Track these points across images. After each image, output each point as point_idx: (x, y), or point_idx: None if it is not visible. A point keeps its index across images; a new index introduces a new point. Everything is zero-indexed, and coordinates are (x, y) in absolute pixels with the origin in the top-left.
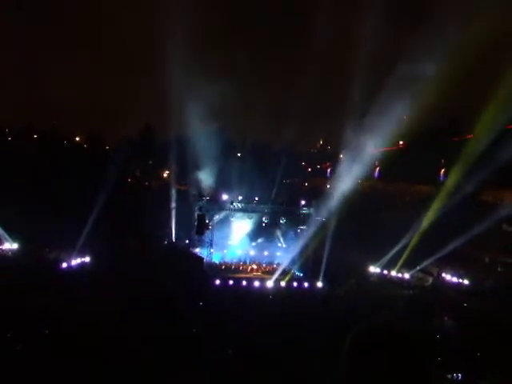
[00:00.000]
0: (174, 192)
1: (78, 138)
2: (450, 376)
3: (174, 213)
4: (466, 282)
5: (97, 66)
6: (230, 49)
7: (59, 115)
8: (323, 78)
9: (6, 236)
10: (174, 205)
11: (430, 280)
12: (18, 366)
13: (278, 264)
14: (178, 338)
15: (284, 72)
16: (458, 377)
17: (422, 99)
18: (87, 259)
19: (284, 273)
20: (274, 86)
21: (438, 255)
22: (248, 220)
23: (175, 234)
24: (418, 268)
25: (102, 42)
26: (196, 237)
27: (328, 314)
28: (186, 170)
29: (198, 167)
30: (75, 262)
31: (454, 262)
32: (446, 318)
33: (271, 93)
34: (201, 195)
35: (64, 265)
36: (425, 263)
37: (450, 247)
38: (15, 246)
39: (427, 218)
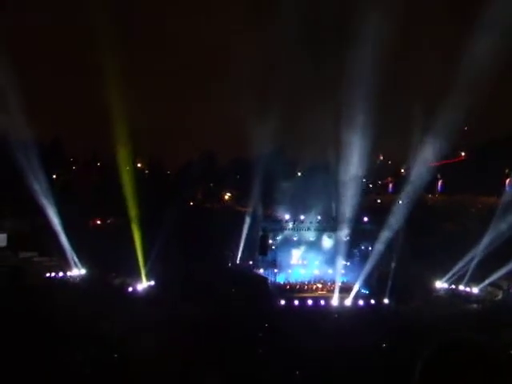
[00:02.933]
0: (236, 214)
1: (139, 164)
2: None
3: (236, 235)
4: None
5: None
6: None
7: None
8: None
9: (76, 261)
10: (236, 227)
11: (500, 294)
12: None
13: (343, 282)
14: (244, 360)
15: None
16: None
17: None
18: (152, 283)
19: (349, 291)
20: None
21: (507, 268)
22: (310, 239)
23: (239, 255)
24: (487, 282)
25: (164, 67)
26: (260, 258)
27: (394, 333)
28: (247, 192)
29: (259, 188)
30: (141, 286)
31: None
32: None
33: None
34: (263, 216)
35: (130, 289)
36: (494, 277)
37: None
38: (83, 271)
39: (494, 230)
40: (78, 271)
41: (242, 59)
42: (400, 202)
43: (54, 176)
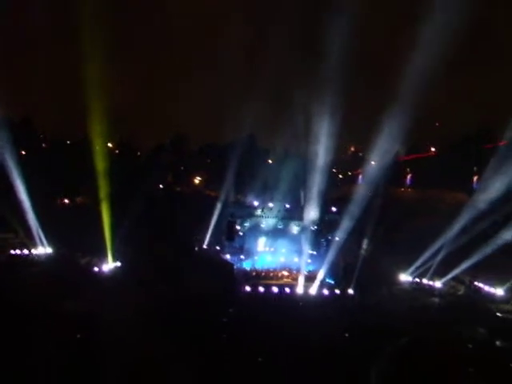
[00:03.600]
0: (205, 198)
1: (110, 144)
2: None
3: (205, 219)
4: (498, 290)
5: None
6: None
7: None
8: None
9: (43, 239)
10: (205, 211)
11: (463, 289)
12: (49, 369)
13: (309, 271)
14: (207, 344)
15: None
16: None
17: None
18: (118, 264)
19: (315, 279)
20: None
21: (470, 264)
22: (278, 227)
23: (206, 240)
24: (450, 276)
25: (139, 49)
26: (227, 243)
27: (359, 324)
28: (217, 177)
29: (228, 173)
30: (107, 266)
31: (486, 271)
32: (478, 328)
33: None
34: (231, 202)
35: (96, 269)
36: (457, 272)
37: (483, 255)
38: (49, 250)
39: (460, 226)
40: (43, 249)
41: (218, 46)
42: (368, 193)
43: (23, 153)
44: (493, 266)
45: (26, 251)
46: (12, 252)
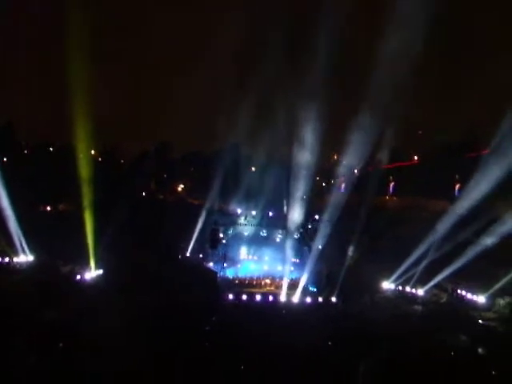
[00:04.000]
0: (188, 206)
1: (92, 152)
2: None
3: (188, 227)
4: (480, 298)
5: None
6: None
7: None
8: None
9: (24, 247)
10: (188, 219)
11: (445, 296)
12: (31, 379)
13: (292, 279)
14: (190, 352)
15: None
16: None
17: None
18: (100, 272)
19: (297, 288)
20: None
21: (452, 271)
22: (261, 234)
23: (189, 248)
24: (432, 284)
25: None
26: (210, 251)
27: (342, 332)
28: (200, 185)
29: (212, 182)
30: (89, 274)
31: (468, 278)
32: (461, 336)
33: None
34: (215, 210)
35: (78, 277)
36: (439, 279)
37: (465, 263)
38: (31, 258)
39: (442, 234)
40: (25, 257)
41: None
42: (351, 202)
43: (5, 159)
44: (475, 273)
45: (6, 259)
46: None
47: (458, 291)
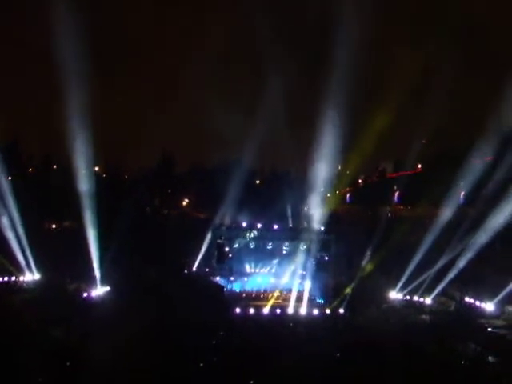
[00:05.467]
0: (193, 221)
1: (96, 168)
2: None
3: (193, 241)
4: (488, 305)
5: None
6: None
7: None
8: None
9: (31, 265)
10: (193, 234)
11: (453, 304)
12: None
13: (299, 291)
14: (198, 368)
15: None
16: None
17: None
18: (107, 289)
19: (305, 300)
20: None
21: (460, 279)
22: (268, 247)
23: (195, 262)
24: (440, 293)
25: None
26: (216, 265)
27: (350, 343)
28: (204, 199)
29: (216, 195)
30: (96, 292)
31: (476, 286)
32: (470, 344)
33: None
34: (220, 224)
35: (85, 294)
36: (446, 288)
37: (473, 271)
38: (37, 276)
39: (449, 241)
40: (31, 276)
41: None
42: (356, 212)
43: (9, 178)
44: (482, 281)
45: (13, 278)
46: None
47: (466, 299)
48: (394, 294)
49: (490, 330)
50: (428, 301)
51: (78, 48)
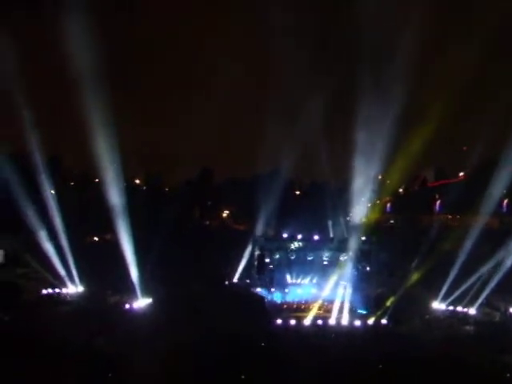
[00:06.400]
0: (233, 232)
1: (137, 181)
2: None
3: (234, 253)
4: None
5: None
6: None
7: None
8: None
9: (74, 278)
10: (234, 245)
11: (498, 315)
12: None
13: (341, 302)
14: (240, 380)
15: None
16: None
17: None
18: (149, 301)
19: (346, 311)
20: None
21: (504, 289)
22: (308, 258)
23: (236, 274)
24: (484, 303)
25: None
26: (257, 276)
27: (393, 354)
28: (244, 210)
29: (256, 206)
30: (137, 304)
31: None
32: None
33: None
34: (261, 235)
35: (127, 306)
36: (491, 298)
37: None
38: (80, 288)
39: (492, 250)
40: (75, 288)
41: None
42: (397, 221)
43: (52, 192)
44: None
45: (57, 290)
46: (44, 292)
47: (511, 310)
48: (437, 305)
49: None
50: (472, 311)
51: (117, 62)
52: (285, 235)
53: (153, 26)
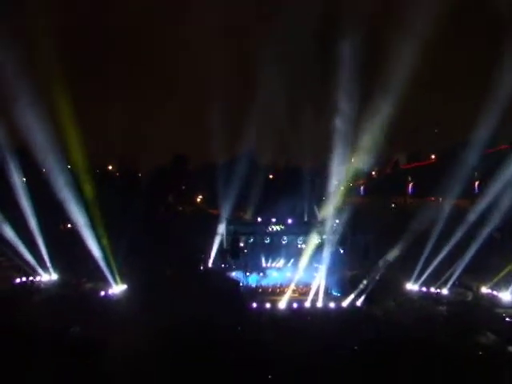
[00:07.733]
0: (207, 217)
1: (110, 167)
2: None
3: (208, 238)
4: (505, 295)
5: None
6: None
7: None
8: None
9: (48, 265)
10: (208, 230)
11: (470, 295)
12: None
13: (316, 285)
14: (216, 363)
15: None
16: None
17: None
18: (124, 287)
19: (321, 293)
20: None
21: (475, 269)
22: (282, 242)
23: (211, 258)
24: (456, 283)
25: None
26: (232, 261)
27: (368, 336)
28: (219, 195)
29: (230, 191)
30: (112, 290)
31: (492, 276)
32: (488, 334)
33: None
34: (235, 219)
35: (102, 293)
36: (463, 278)
37: (489, 261)
38: (54, 276)
39: (464, 232)
40: (49, 276)
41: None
42: (371, 204)
43: (24, 179)
44: (497, 270)
45: (31, 278)
46: (17, 280)
47: (483, 289)
48: (411, 286)
49: (507, 319)
50: (444, 292)
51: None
52: (259, 219)
53: (126, 11)
